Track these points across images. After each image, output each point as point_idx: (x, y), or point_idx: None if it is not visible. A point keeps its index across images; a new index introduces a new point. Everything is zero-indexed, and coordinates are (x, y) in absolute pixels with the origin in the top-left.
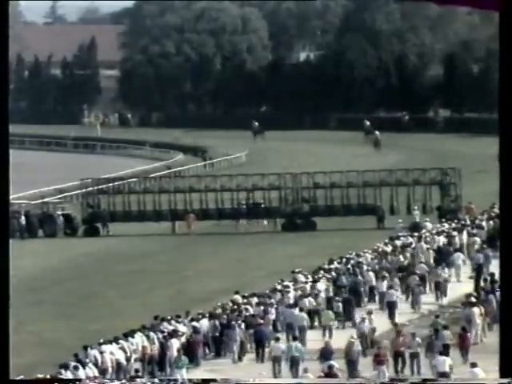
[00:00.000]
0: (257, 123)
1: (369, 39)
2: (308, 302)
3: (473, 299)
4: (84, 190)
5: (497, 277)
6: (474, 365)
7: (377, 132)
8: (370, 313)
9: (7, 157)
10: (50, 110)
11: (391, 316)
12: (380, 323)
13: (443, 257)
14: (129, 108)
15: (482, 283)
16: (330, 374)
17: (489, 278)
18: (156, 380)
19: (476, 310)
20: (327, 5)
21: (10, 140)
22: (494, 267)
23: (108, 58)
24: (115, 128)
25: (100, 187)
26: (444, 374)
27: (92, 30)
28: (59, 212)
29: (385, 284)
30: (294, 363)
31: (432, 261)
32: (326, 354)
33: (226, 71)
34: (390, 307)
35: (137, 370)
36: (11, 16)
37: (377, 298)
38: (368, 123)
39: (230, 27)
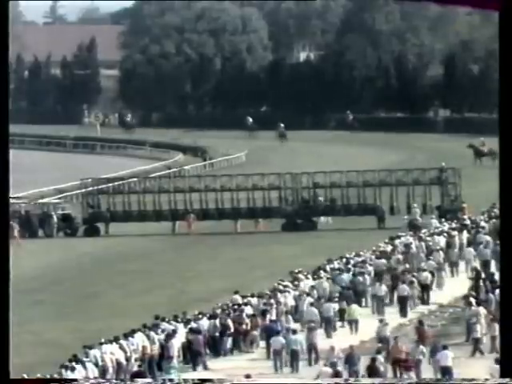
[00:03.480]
0: (128, 118)
1: (369, 39)
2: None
3: (472, 299)
4: (84, 190)
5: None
6: (498, 361)
7: (282, 125)
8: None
9: (7, 157)
10: (50, 110)
11: (403, 312)
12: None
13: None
14: (129, 108)
15: (481, 283)
16: (373, 367)
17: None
18: (151, 380)
19: (479, 310)
20: (327, 5)
21: (10, 140)
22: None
23: (108, 57)
24: (115, 128)
25: (100, 187)
26: (447, 368)
27: (92, 30)
28: (59, 212)
29: (383, 287)
30: (293, 357)
31: (441, 259)
32: (351, 358)
33: (226, 71)
34: (402, 303)
35: (140, 365)
36: (11, 16)
37: (370, 300)
38: (251, 120)
39: (230, 27)
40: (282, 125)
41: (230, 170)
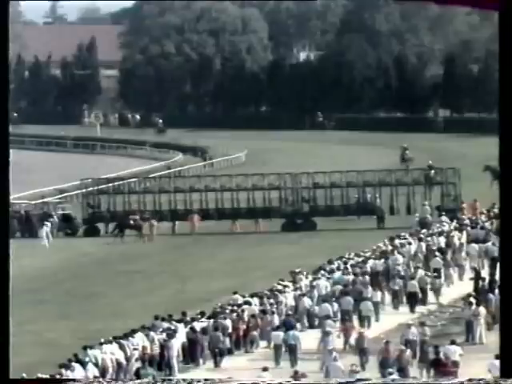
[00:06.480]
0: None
1: (369, 39)
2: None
3: (472, 299)
4: (84, 190)
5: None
6: (497, 357)
7: (160, 121)
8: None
9: (7, 157)
10: (50, 110)
11: (413, 308)
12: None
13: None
14: (129, 108)
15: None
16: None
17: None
18: (151, 380)
19: (479, 310)
20: (327, 5)
21: (10, 140)
22: None
23: (108, 57)
24: (115, 128)
25: (100, 187)
26: (454, 363)
27: (92, 30)
28: (59, 212)
29: (379, 292)
30: (291, 351)
31: (447, 256)
32: (385, 361)
33: (226, 71)
34: (411, 298)
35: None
36: (11, 16)
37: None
38: (138, 117)
39: (230, 27)
40: (161, 120)
41: (230, 169)
